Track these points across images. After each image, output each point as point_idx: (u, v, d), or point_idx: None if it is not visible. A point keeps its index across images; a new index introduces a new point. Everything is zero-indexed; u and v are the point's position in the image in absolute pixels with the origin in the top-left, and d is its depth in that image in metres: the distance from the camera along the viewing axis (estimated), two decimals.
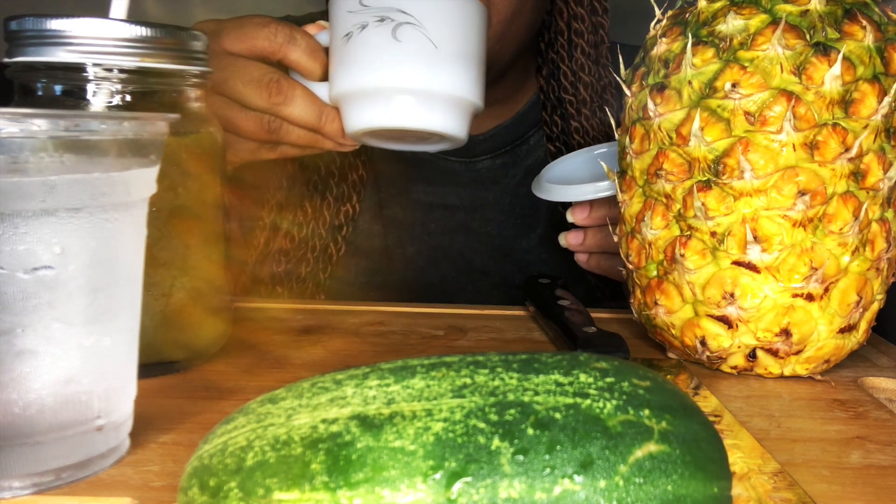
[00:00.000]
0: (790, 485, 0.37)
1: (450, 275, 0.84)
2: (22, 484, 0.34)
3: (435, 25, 0.56)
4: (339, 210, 0.79)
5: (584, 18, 0.79)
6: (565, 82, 0.79)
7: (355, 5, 0.57)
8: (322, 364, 0.53)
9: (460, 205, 0.84)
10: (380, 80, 0.57)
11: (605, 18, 0.80)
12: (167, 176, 0.42)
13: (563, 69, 0.79)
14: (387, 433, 0.27)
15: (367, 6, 0.57)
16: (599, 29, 0.80)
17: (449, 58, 0.57)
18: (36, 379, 0.33)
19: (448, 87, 0.58)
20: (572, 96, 0.79)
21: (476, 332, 0.61)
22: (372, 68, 0.57)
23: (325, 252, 0.79)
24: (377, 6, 0.56)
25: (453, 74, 0.57)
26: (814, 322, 0.48)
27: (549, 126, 0.81)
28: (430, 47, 0.56)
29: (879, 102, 0.46)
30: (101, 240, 0.34)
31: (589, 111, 0.78)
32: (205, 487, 0.28)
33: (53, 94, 0.42)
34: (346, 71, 0.58)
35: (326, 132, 0.61)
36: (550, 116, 0.81)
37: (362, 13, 0.57)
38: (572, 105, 0.79)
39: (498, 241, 0.84)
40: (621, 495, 0.26)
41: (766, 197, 0.46)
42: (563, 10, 0.79)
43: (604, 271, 0.70)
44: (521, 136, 0.83)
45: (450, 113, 0.59)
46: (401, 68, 0.57)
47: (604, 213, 0.67)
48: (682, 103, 0.48)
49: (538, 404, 0.27)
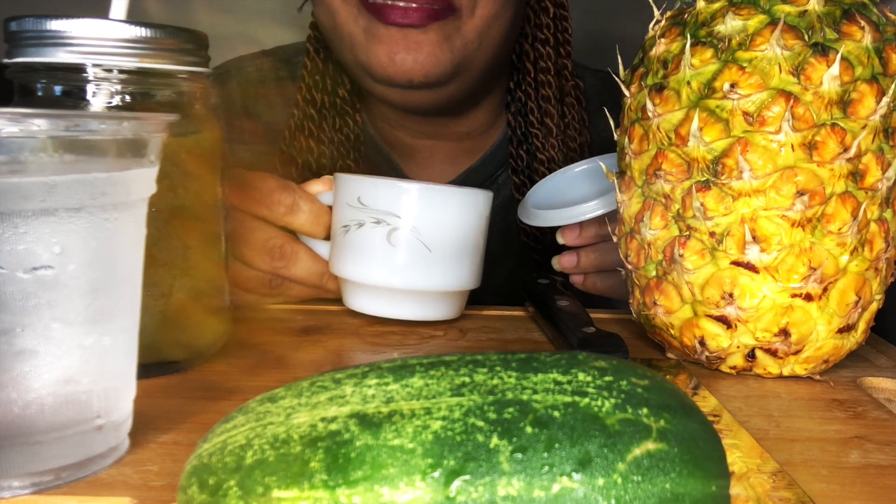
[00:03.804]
0: (789, 484, 0.37)
1: None
2: (21, 483, 0.34)
3: (430, 230, 0.58)
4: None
5: (549, 57, 0.82)
6: (532, 118, 0.83)
7: (354, 201, 0.59)
8: (322, 364, 0.53)
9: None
10: (374, 279, 0.59)
11: (568, 60, 0.84)
12: (167, 176, 0.42)
13: (531, 105, 0.83)
14: (386, 431, 0.27)
15: (364, 205, 0.58)
16: (563, 70, 0.83)
17: (443, 259, 0.59)
18: (35, 378, 0.33)
19: (441, 285, 0.59)
20: (538, 130, 0.82)
21: (475, 332, 0.61)
22: (367, 267, 0.59)
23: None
24: (374, 207, 0.58)
25: (447, 273, 0.59)
26: (812, 322, 0.48)
27: (515, 159, 0.84)
28: (425, 252, 0.58)
29: (878, 103, 0.46)
30: (101, 240, 0.34)
31: (556, 142, 0.82)
32: (204, 486, 0.28)
33: (53, 94, 0.43)
34: (344, 260, 0.60)
35: (327, 290, 0.64)
36: (516, 150, 0.84)
37: (360, 211, 0.58)
38: (538, 138, 0.82)
39: None
40: (619, 493, 0.26)
41: (764, 197, 0.46)
42: (530, 51, 0.82)
43: (601, 291, 0.70)
44: (490, 176, 0.86)
45: (442, 303, 0.61)
46: (394, 272, 0.58)
47: (594, 231, 0.67)
48: (680, 104, 0.48)
49: (537, 403, 0.27)
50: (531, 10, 0.82)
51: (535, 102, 0.82)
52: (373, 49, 0.70)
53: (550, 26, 0.82)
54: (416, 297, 0.60)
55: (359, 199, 0.58)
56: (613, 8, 1.02)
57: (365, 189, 0.58)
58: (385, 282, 0.58)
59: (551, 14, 0.82)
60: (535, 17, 0.82)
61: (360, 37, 0.71)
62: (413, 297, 0.60)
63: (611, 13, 1.03)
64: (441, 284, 0.59)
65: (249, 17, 1.23)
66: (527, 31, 0.82)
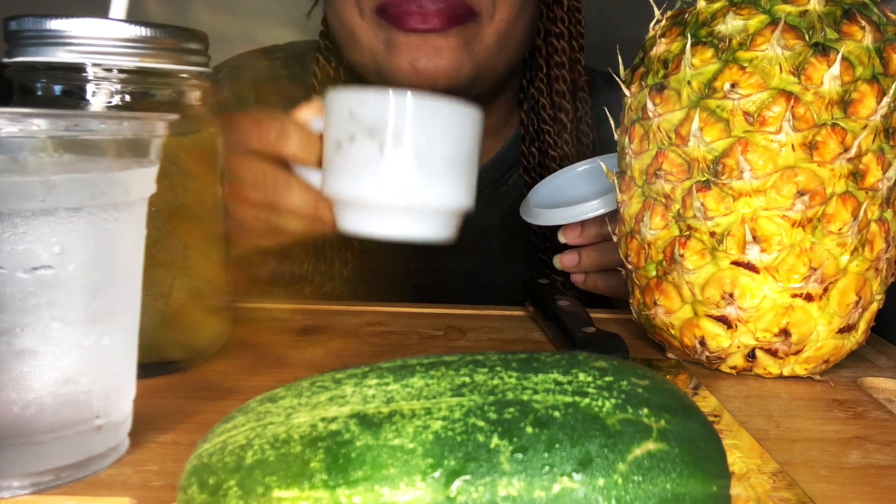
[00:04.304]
0: (789, 484, 0.37)
1: None
2: (21, 483, 0.34)
3: (423, 141, 0.57)
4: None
5: (564, 51, 0.81)
6: (544, 114, 0.82)
7: (346, 116, 0.57)
8: (322, 364, 0.53)
9: (439, 246, 0.86)
10: (367, 194, 0.57)
11: (581, 54, 0.82)
12: (167, 176, 0.42)
13: (543, 102, 0.82)
14: (386, 431, 0.27)
15: (356, 119, 0.57)
16: (577, 64, 0.82)
17: (437, 172, 0.57)
18: (35, 378, 0.33)
19: (435, 200, 0.58)
20: (550, 127, 0.81)
21: (475, 332, 0.61)
22: (360, 182, 0.57)
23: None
24: (366, 119, 0.56)
25: (441, 188, 0.58)
26: (813, 322, 0.48)
27: (527, 157, 0.83)
28: (418, 164, 0.57)
29: (878, 103, 0.46)
30: (101, 239, 0.34)
31: (569, 137, 0.81)
32: (204, 486, 0.28)
33: (53, 94, 0.43)
34: (336, 179, 0.59)
35: (323, 219, 0.62)
36: (528, 148, 0.83)
37: (352, 124, 0.57)
38: (550, 135, 0.81)
39: (476, 280, 0.86)
40: (620, 493, 0.26)
41: (765, 197, 0.46)
42: (543, 47, 0.81)
43: (601, 291, 0.70)
44: (500, 178, 0.86)
45: (436, 222, 0.60)
46: (388, 185, 0.57)
47: (595, 230, 0.67)
48: (681, 103, 0.48)
49: (537, 403, 0.27)
50: (544, 4, 0.81)
51: (548, 98, 0.81)
52: (394, 59, 0.70)
53: (565, 19, 0.81)
54: (408, 214, 0.58)
55: (350, 112, 0.57)
56: (614, 8, 1.02)
57: (356, 102, 0.57)
58: (380, 195, 0.57)
59: (565, 7, 0.81)
60: (549, 10, 0.81)
61: (381, 50, 0.71)
62: (405, 213, 0.58)
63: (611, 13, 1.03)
64: (435, 198, 0.58)
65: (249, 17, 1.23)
66: (539, 27, 0.81)
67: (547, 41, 0.81)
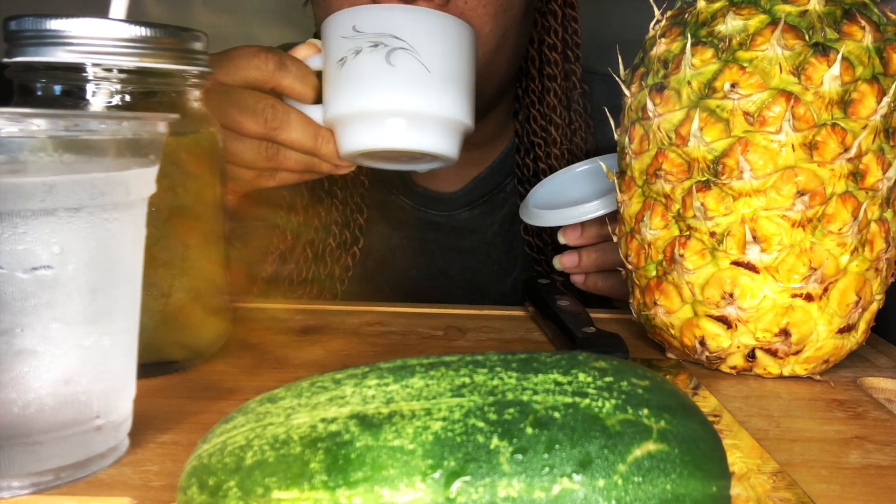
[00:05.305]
0: (789, 485, 0.37)
1: None
2: (21, 483, 0.34)
3: (428, 50, 0.57)
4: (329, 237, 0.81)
5: (557, 63, 0.81)
6: (535, 126, 0.81)
7: (349, 31, 0.58)
8: (322, 364, 0.53)
9: (439, 252, 0.86)
10: (375, 103, 0.58)
11: (577, 66, 0.82)
12: (167, 176, 0.42)
13: (534, 113, 0.82)
14: (386, 432, 0.27)
15: (361, 32, 0.58)
16: (571, 76, 0.82)
17: (441, 81, 0.58)
18: (35, 378, 0.33)
19: (441, 109, 0.59)
20: (541, 139, 0.81)
21: (475, 332, 0.61)
22: (367, 93, 0.58)
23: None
24: (371, 32, 0.57)
25: (445, 97, 0.59)
26: (813, 322, 0.48)
27: (521, 169, 0.83)
28: (424, 71, 0.57)
29: (878, 103, 0.46)
30: (101, 239, 0.34)
31: (559, 152, 0.80)
32: (204, 486, 0.28)
33: (53, 94, 0.42)
34: (342, 95, 0.59)
35: (322, 154, 0.62)
36: (522, 160, 0.83)
37: (356, 39, 0.58)
38: (541, 148, 0.81)
39: (475, 286, 0.86)
40: (620, 494, 0.26)
41: (765, 197, 0.46)
42: (536, 57, 0.81)
43: (601, 291, 0.70)
44: (498, 186, 0.86)
45: (442, 134, 0.60)
46: (394, 92, 0.58)
47: (595, 231, 0.67)
48: (681, 103, 0.48)
49: (537, 403, 0.27)
50: (538, 14, 0.80)
51: (539, 110, 0.81)
52: None
53: (559, 31, 0.81)
54: (415, 123, 0.59)
55: (354, 27, 0.58)
56: (614, 8, 1.02)
57: (360, 15, 0.58)
58: (386, 104, 0.58)
59: (559, 17, 0.80)
60: (543, 19, 0.80)
61: None
62: (412, 122, 0.59)
63: (611, 13, 1.03)
64: (440, 108, 0.59)
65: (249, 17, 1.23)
66: (533, 36, 0.81)
67: (540, 51, 0.81)
